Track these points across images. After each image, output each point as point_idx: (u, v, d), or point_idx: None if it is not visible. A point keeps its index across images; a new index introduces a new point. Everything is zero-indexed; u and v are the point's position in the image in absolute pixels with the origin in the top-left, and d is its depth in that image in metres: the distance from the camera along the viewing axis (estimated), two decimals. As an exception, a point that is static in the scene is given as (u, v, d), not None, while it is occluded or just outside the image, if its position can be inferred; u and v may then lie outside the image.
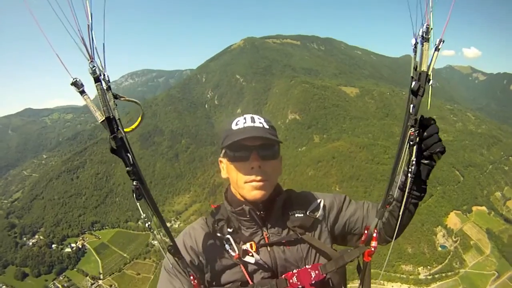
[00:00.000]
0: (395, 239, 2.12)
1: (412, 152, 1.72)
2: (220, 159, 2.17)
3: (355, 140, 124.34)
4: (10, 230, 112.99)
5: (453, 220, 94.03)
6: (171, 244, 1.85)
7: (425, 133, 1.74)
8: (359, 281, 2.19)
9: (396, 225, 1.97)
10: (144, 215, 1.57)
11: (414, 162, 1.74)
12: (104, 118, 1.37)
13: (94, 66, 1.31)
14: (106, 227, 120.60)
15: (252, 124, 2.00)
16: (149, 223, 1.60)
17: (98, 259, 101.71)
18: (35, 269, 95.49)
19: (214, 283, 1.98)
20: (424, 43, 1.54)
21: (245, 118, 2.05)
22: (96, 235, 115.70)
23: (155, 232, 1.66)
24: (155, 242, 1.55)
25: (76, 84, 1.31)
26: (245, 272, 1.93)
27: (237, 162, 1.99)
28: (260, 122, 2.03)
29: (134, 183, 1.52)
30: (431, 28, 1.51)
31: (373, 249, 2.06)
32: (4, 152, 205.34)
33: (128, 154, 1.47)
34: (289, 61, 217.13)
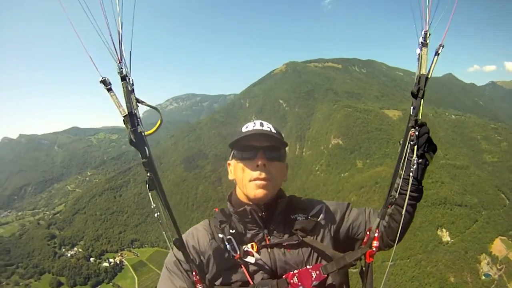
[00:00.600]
0: (398, 243, 2.10)
1: (413, 151, 1.83)
2: (229, 161, 2.23)
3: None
4: (50, 240, 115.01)
5: (498, 246, 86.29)
6: (177, 237, 1.91)
7: (417, 133, 1.81)
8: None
9: (399, 227, 2.02)
10: (154, 205, 1.68)
11: (416, 161, 1.83)
12: (126, 113, 1.50)
13: (121, 68, 1.46)
14: (146, 245, 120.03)
15: (260, 128, 2.09)
16: (158, 213, 1.69)
17: (135, 276, 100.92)
18: (71, 279, 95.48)
19: (215, 283, 2.00)
20: (423, 48, 1.65)
21: (254, 123, 2.15)
22: (134, 253, 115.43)
23: (158, 212, 1.71)
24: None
25: (105, 82, 1.46)
26: (246, 272, 1.96)
27: (244, 161, 2.05)
28: (268, 127, 2.11)
29: (148, 174, 1.63)
30: (429, 34, 1.63)
31: (374, 249, 2.08)
32: (50, 166, 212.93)
33: (146, 147, 1.58)
34: (331, 85, 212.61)
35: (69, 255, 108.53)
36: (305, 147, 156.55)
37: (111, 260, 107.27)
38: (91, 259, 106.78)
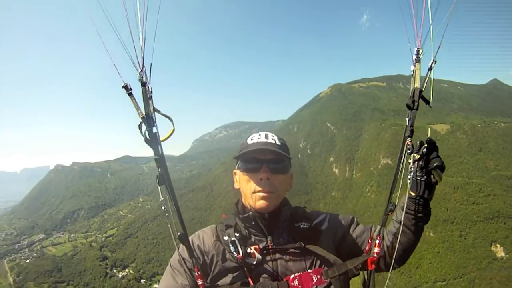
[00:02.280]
0: (401, 265, 2.17)
1: (410, 160, 1.89)
2: (235, 170, 2.28)
3: (448, 180, 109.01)
4: (102, 261, 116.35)
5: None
6: (182, 232, 1.95)
7: (423, 150, 1.84)
8: None
9: (398, 241, 2.03)
10: (162, 198, 1.74)
11: (412, 169, 1.89)
12: (144, 115, 1.62)
13: (142, 76, 1.61)
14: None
15: (265, 140, 2.14)
16: (165, 206, 1.76)
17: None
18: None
19: (217, 282, 2.02)
20: (416, 64, 1.76)
21: (259, 134, 2.20)
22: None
23: (166, 206, 1.77)
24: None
25: (126, 87, 1.61)
26: (247, 272, 1.98)
27: (249, 173, 2.09)
28: (272, 139, 2.16)
29: (159, 170, 1.72)
30: (422, 51, 1.75)
31: (376, 255, 2.08)
32: (102, 192, 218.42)
33: (159, 146, 1.69)
34: (377, 104, 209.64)
35: (120, 276, 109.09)
36: (355, 169, 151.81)
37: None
38: (142, 280, 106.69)
